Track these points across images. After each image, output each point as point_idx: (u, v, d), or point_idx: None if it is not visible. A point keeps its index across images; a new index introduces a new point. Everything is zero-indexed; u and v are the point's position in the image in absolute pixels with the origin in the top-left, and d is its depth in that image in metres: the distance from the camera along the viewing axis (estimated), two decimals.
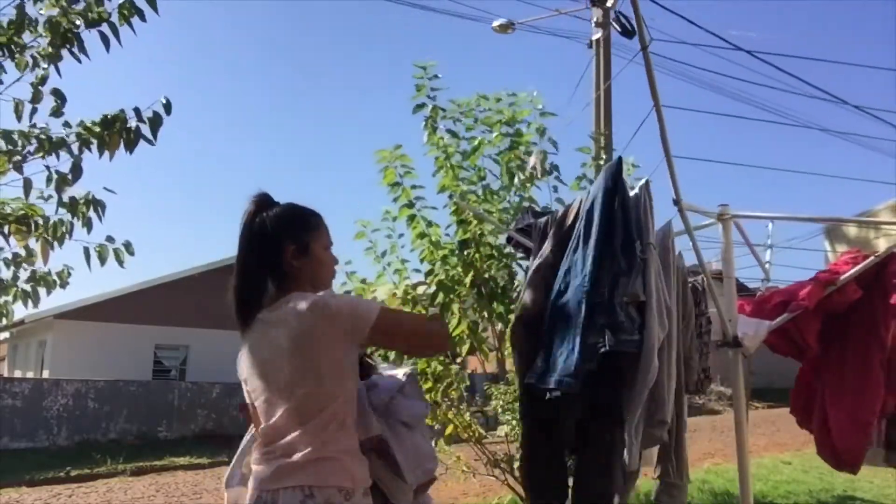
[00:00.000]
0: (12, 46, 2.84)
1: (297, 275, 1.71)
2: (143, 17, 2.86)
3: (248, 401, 1.74)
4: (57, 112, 2.98)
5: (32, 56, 2.93)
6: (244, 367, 1.72)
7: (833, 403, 2.66)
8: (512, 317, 5.09)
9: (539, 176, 5.08)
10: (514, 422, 5.45)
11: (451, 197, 5.06)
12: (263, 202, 1.75)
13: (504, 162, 5.15)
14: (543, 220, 2.79)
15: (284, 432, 1.59)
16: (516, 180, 5.05)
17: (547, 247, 2.53)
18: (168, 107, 2.91)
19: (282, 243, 1.70)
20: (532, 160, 4.99)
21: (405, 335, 1.76)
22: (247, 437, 1.99)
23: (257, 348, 1.68)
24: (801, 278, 2.76)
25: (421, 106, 5.19)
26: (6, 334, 19.58)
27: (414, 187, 5.16)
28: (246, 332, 1.70)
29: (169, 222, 48.89)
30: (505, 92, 5.21)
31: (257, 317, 1.68)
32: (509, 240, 3.83)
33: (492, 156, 5.20)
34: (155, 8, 2.84)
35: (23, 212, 3.04)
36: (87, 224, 3.11)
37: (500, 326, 5.28)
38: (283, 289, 1.69)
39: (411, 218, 5.09)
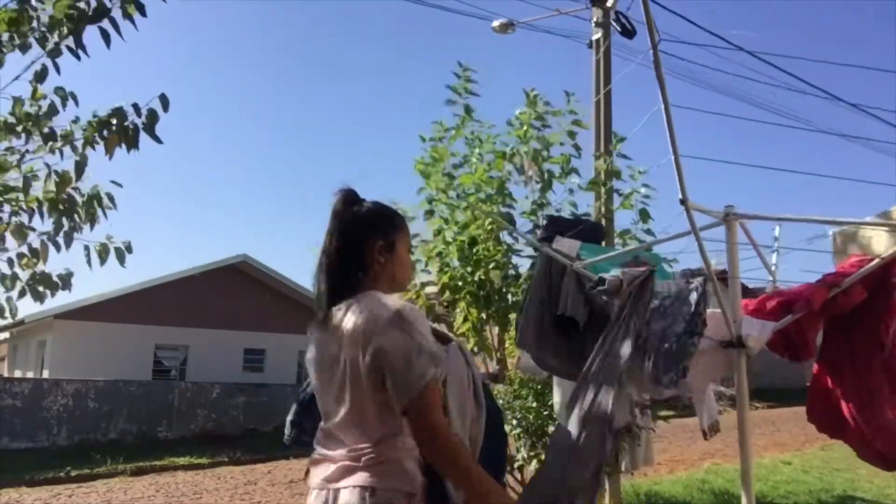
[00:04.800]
0: (11, 34, 2.79)
1: (378, 271, 1.72)
2: (143, 12, 2.80)
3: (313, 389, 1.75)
4: (63, 102, 2.94)
5: (31, 38, 2.85)
6: (310, 357, 1.73)
7: (856, 408, 2.62)
8: (511, 317, 5.11)
9: (531, 180, 5.16)
10: (513, 421, 5.43)
11: (473, 192, 5.14)
12: (352, 197, 1.78)
13: (532, 159, 5.22)
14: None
15: (345, 433, 1.60)
16: (534, 175, 5.17)
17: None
18: (165, 103, 2.87)
19: (370, 238, 1.72)
20: (527, 165, 5.06)
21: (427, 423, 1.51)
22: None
23: (326, 342, 1.65)
24: (809, 281, 2.73)
25: (452, 102, 5.31)
26: (6, 334, 19.56)
27: (444, 188, 5.23)
28: (322, 321, 1.67)
29: (169, 222, 48.92)
30: (543, 96, 5.37)
31: (333, 309, 1.66)
32: (537, 250, 3.80)
33: (515, 156, 5.28)
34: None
35: (51, 195, 2.99)
36: (91, 220, 3.08)
37: (496, 328, 5.28)
38: (362, 284, 1.68)
39: (429, 213, 5.16)
